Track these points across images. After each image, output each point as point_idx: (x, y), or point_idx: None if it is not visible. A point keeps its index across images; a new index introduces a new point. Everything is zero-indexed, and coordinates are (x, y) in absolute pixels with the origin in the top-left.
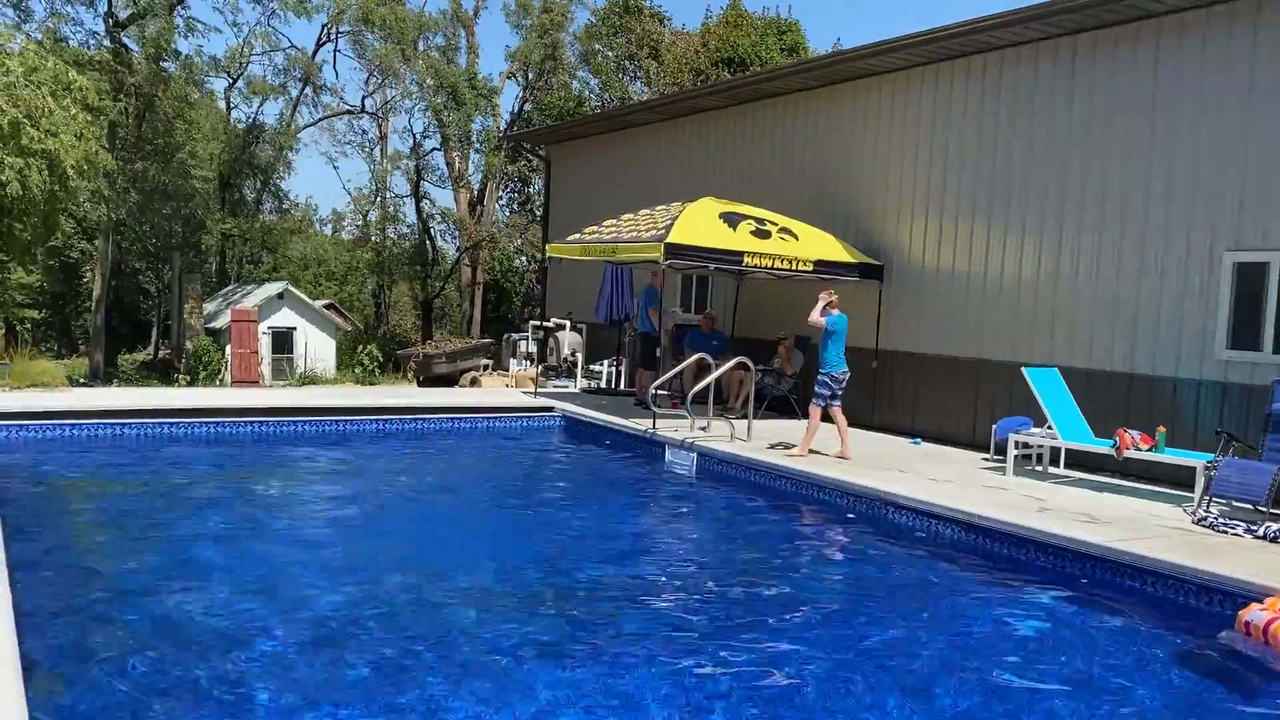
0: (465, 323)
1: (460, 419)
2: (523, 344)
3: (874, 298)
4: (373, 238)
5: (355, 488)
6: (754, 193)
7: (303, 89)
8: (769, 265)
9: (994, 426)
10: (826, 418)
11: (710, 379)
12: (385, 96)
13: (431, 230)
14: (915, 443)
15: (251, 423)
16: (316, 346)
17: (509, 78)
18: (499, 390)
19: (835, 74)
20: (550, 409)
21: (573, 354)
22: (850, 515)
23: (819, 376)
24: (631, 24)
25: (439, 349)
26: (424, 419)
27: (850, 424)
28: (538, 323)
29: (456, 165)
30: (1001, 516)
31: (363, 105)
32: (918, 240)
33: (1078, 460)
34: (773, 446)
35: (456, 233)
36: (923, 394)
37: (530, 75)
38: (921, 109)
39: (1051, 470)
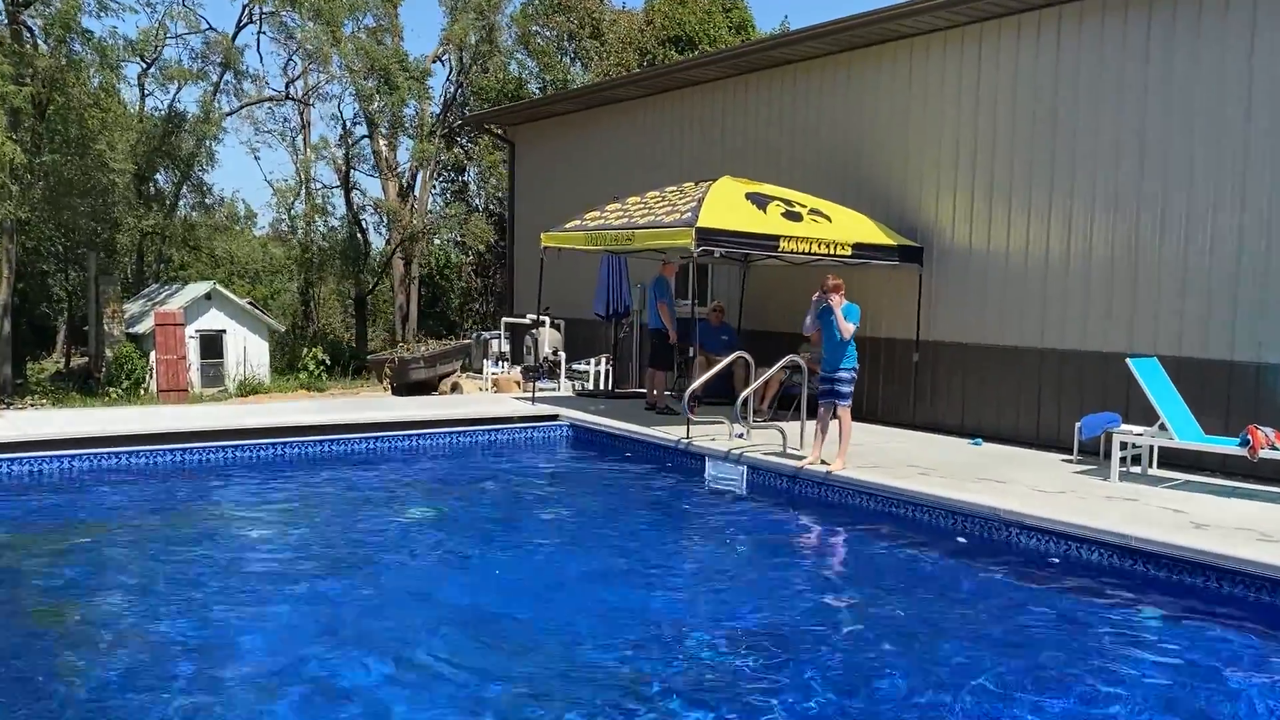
0: (400, 320)
1: (459, 433)
2: (495, 343)
3: (913, 283)
4: (299, 232)
5: (366, 537)
6: (764, 171)
7: (222, 74)
8: (806, 250)
9: (1078, 424)
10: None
11: (759, 381)
12: (310, 82)
13: (364, 223)
14: (975, 442)
15: (208, 449)
16: (250, 350)
17: (435, 60)
18: (492, 397)
19: (860, 37)
20: (555, 417)
21: (554, 353)
22: (961, 539)
23: (844, 374)
24: (571, 2)
25: (414, 353)
26: (418, 434)
27: (889, 422)
28: (512, 319)
29: (384, 153)
30: (1171, 539)
31: (287, 91)
32: (962, 218)
33: (1170, 459)
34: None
35: (388, 225)
36: (972, 388)
37: (465, 58)
38: (964, 72)
39: (1153, 472)
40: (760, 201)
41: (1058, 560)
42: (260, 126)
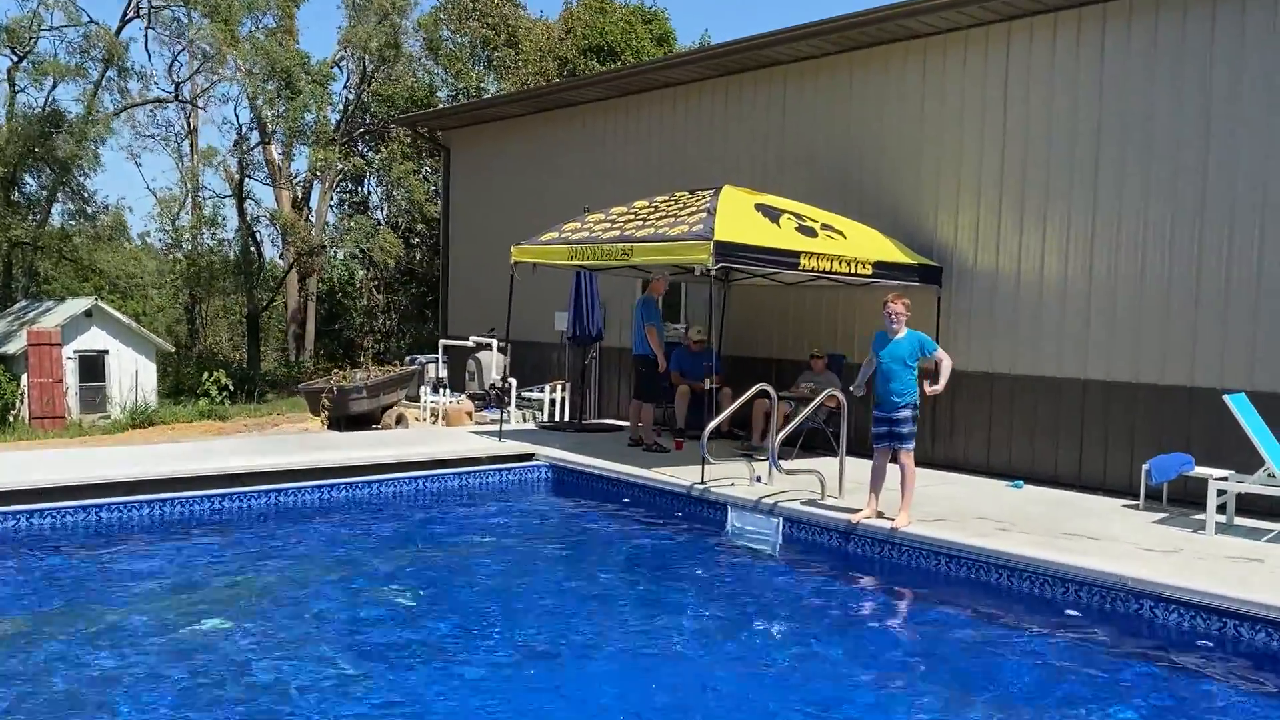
0: (295, 340)
1: (423, 477)
2: (433, 368)
3: (928, 306)
4: (185, 244)
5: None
6: (749, 183)
7: (104, 71)
8: (827, 268)
9: (1145, 467)
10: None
11: (800, 419)
12: (199, 84)
13: (258, 235)
14: (1017, 485)
15: (115, 505)
16: (137, 373)
17: (334, 65)
18: (447, 433)
19: (868, 36)
20: (531, 456)
21: (503, 379)
22: (1073, 611)
23: (906, 412)
24: (485, 8)
25: (354, 381)
26: (378, 480)
27: (926, 462)
28: (450, 341)
29: (278, 162)
30: None
31: (177, 92)
32: (988, 235)
33: (1244, 506)
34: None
35: (283, 239)
36: (1000, 422)
37: (368, 64)
38: (989, 74)
39: (1240, 521)
40: (772, 214)
41: (1211, 643)
42: (141, 130)
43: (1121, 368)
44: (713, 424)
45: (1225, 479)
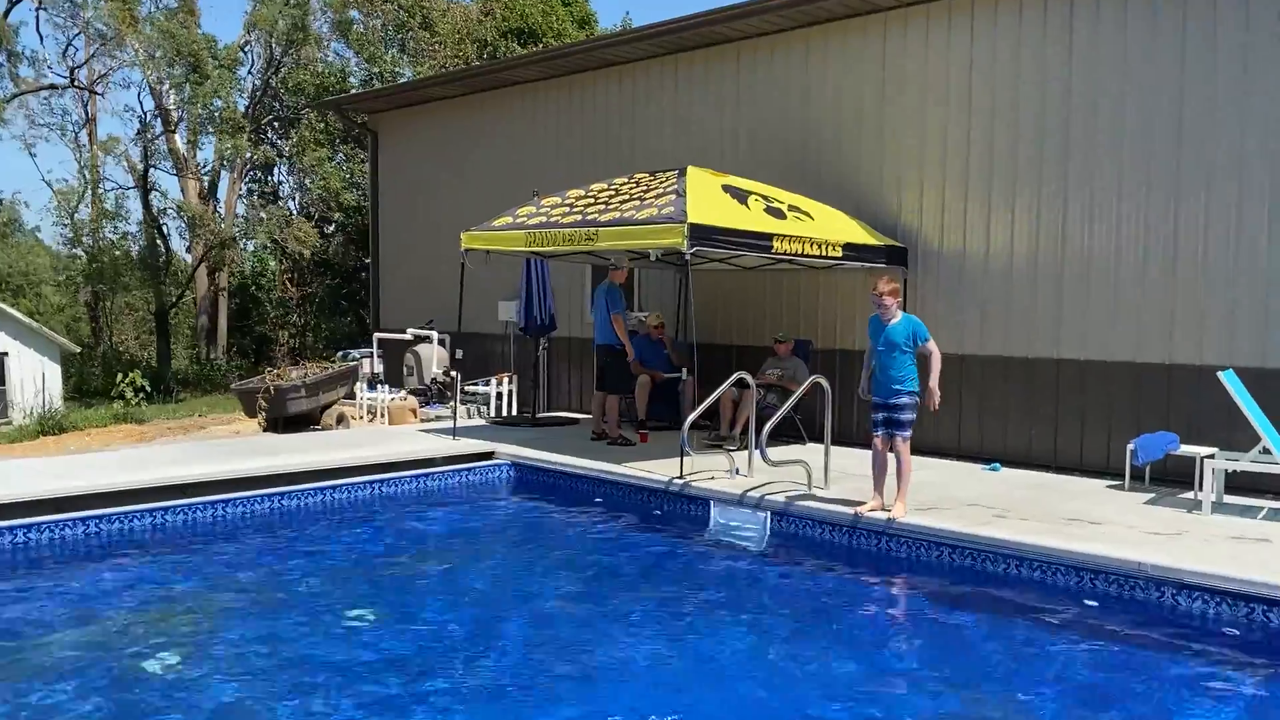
0: (205, 336)
1: (380, 481)
2: (367, 363)
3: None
4: (85, 239)
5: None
6: (708, 162)
7: None
8: (799, 250)
9: (1129, 446)
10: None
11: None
12: (96, 69)
13: (165, 228)
14: (993, 468)
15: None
16: (44, 375)
17: (240, 49)
18: (394, 432)
19: (825, 11)
20: (491, 455)
21: (445, 373)
22: (1090, 601)
23: (905, 399)
24: None
25: (291, 379)
26: (330, 486)
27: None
28: (386, 334)
29: (182, 151)
30: None
31: (72, 78)
32: (954, 216)
33: (1233, 484)
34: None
35: (191, 232)
36: (971, 405)
37: (275, 48)
38: (953, 46)
39: (1231, 499)
40: (739, 196)
41: (1237, 631)
42: (35, 118)
43: (1096, 346)
44: (694, 415)
45: (1213, 457)
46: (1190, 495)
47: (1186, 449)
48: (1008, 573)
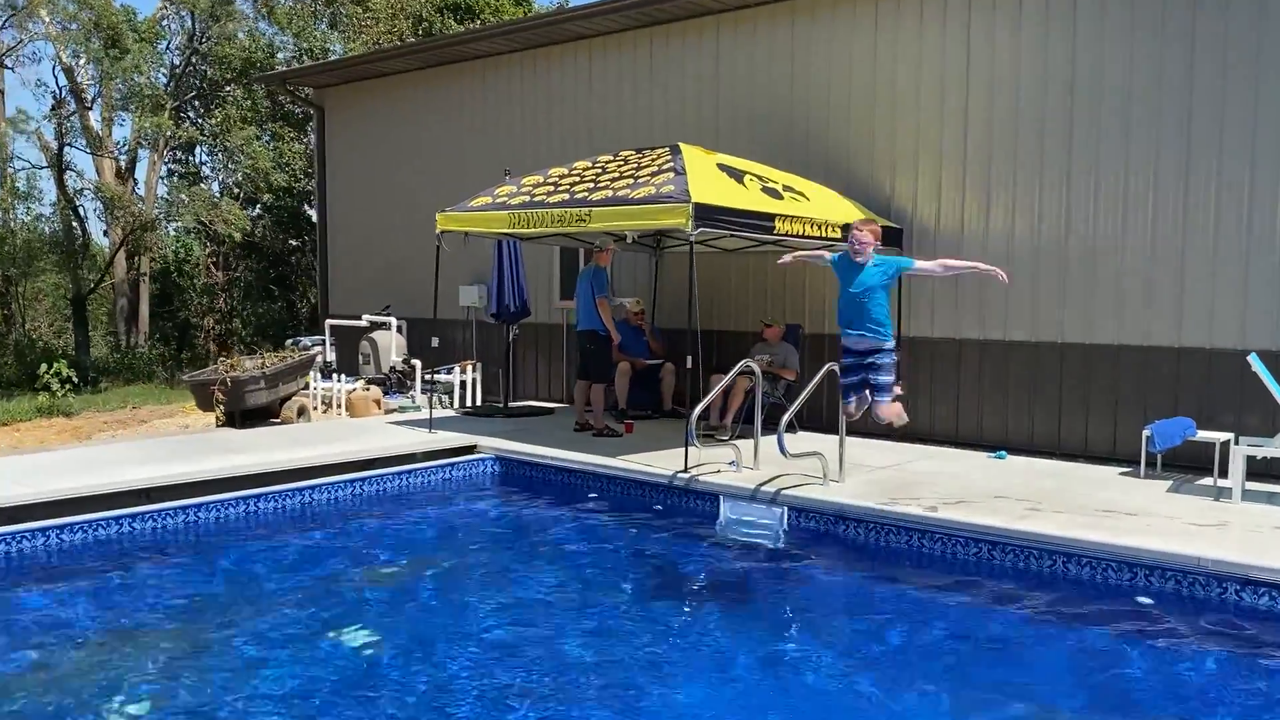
0: (125, 322)
1: (358, 480)
2: (320, 351)
3: None
4: None
5: None
6: (690, 139)
7: None
8: (800, 231)
9: (1146, 433)
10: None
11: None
12: (4, 41)
13: (82, 210)
14: (1000, 456)
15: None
16: None
17: (158, 23)
18: (363, 425)
19: None
20: (473, 448)
21: (405, 362)
22: (1145, 599)
23: (885, 358)
24: None
25: (247, 369)
26: (305, 487)
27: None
28: (338, 321)
29: (95, 129)
30: None
31: None
32: (951, 196)
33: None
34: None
35: (109, 214)
36: (969, 390)
37: (195, 23)
38: (949, 21)
39: (1253, 486)
40: (735, 175)
41: None
42: None
43: (1103, 330)
44: (702, 404)
45: (1237, 442)
46: (1208, 482)
47: (1204, 434)
48: (1053, 570)
